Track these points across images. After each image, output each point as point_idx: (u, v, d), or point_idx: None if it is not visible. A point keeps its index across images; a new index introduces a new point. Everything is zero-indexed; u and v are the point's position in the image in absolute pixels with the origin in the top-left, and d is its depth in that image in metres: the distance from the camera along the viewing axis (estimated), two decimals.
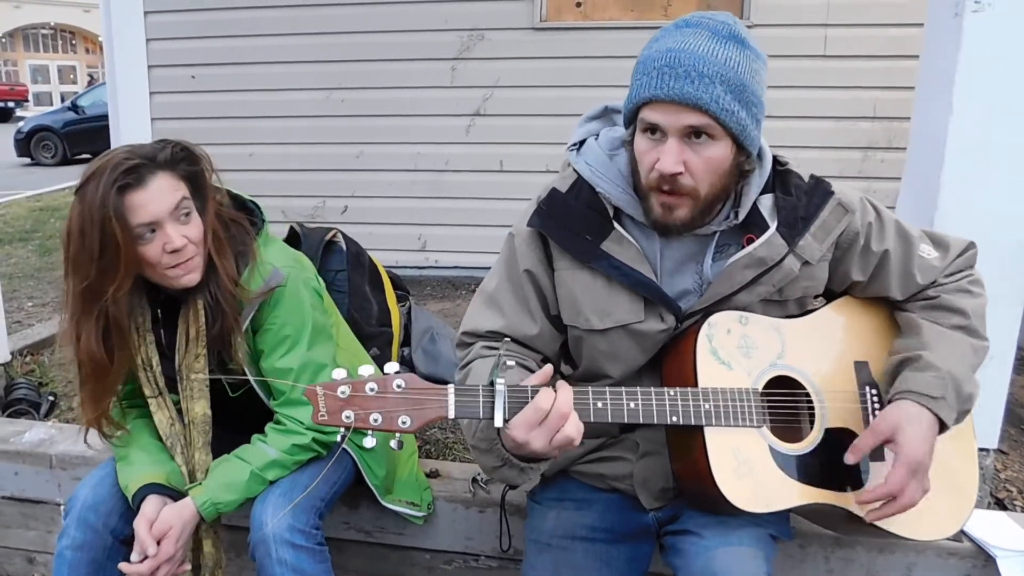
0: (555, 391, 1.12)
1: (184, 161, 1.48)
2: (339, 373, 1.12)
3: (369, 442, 1.12)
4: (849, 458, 1.27)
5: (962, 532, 1.77)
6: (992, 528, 1.78)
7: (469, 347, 1.42)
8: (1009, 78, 1.72)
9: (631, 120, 1.26)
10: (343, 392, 1.10)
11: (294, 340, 1.58)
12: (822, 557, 1.79)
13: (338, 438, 1.13)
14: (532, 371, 1.35)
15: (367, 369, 1.12)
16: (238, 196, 1.64)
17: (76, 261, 1.42)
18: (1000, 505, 2.07)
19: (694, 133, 1.18)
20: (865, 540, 1.75)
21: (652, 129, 1.20)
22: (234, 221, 1.57)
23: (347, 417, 1.09)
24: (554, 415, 1.11)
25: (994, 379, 1.87)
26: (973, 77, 1.72)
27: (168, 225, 1.43)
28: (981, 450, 1.94)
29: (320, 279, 1.72)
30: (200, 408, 1.57)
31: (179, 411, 1.60)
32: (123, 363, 1.52)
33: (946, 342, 1.32)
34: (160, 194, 1.42)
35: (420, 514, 1.84)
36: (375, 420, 1.10)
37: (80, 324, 1.46)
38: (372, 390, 1.10)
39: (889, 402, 1.30)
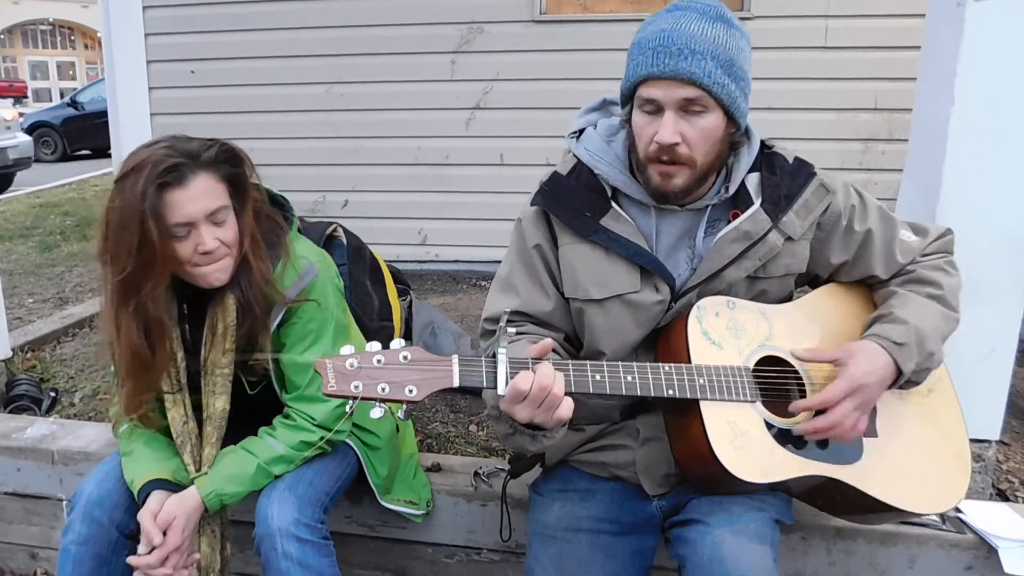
0: (534, 372, 1.17)
1: (227, 162, 1.48)
2: (347, 349, 1.16)
3: (376, 412, 1.14)
4: (803, 353, 1.36)
5: (963, 523, 1.77)
6: (994, 519, 1.78)
7: (492, 334, 1.44)
8: (1012, 68, 1.71)
9: (628, 99, 1.35)
10: (351, 364, 1.14)
11: (317, 336, 1.59)
12: (824, 549, 1.79)
13: (347, 408, 1.16)
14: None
15: (374, 344, 1.16)
16: (268, 191, 1.64)
17: (114, 252, 1.42)
18: (1002, 496, 2.07)
19: (690, 105, 1.26)
20: (867, 532, 1.76)
21: (650, 105, 1.29)
22: (269, 217, 1.58)
23: (355, 387, 1.13)
24: (535, 390, 1.16)
25: (996, 371, 1.87)
26: (976, 67, 1.71)
27: (203, 226, 1.43)
28: (983, 441, 1.95)
29: (340, 278, 1.72)
30: (220, 404, 1.57)
31: (194, 408, 1.60)
32: (164, 359, 1.52)
33: (917, 304, 1.39)
34: (199, 195, 1.42)
35: (419, 512, 1.85)
36: (382, 389, 1.13)
37: (119, 315, 1.46)
38: (379, 362, 1.15)
39: None
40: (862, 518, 1.55)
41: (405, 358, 1.15)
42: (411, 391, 1.14)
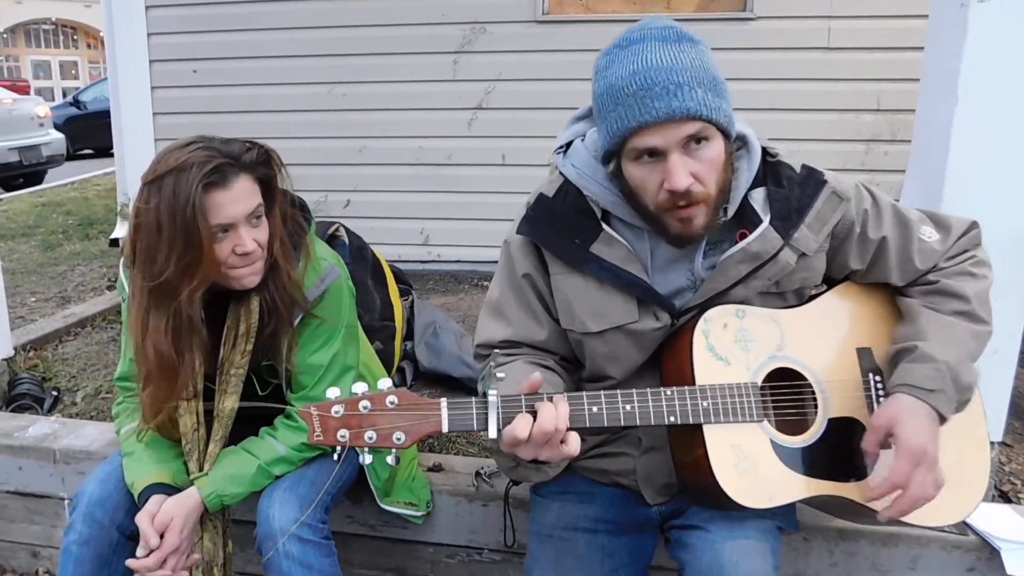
0: (534, 417, 1.12)
1: (263, 164, 1.48)
2: (333, 392, 1.13)
3: (366, 459, 1.13)
4: (868, 467, 1.28)
5: (966, 525, 1.77)
6: (996, 521, 1.78)
7: (486, 359, 1.43)
8: (1015, 68, 1.70)
9: (614, 153, 1.24)
10: (337, 411, 1.11)
11: (328, 338, 1.60)
12: (826, 550, 1.79)
13: (335, 456, 1.13)
14: (549, 368, 1.37)
15: (361, 386, 1.13)
16: (286, 192, 1.62)
17: (150, 254, 1.40)
18: (1004, 498, 2.06)
19: (690, 141, 1.17)
20: (870, 533, 1.76)
21: (648, 153, 1.19)
22: (291, 219, 1.58)
23: (342, 436, 1.10)
24: (537, 435, 1.11)
25: (998, 372, 1.86)
26: (979, 68, 1.71)
27: (242, 228, 1.42)
28: None
29: (351, 281, 1.72)
30: (230, 403, 1.57)
31: (206, 412, 1.59)
32: (191, 364, 1.50)
33: (944, 330, 1.30)
34: (240, 196, 1.41)
35: (419, 514, 1.85)
36: (370, 438, 1.11)
37: (149, 318, 1.44)
38: (366, 408, 1.11)
39: (888, 395, 1.30)
40: (868, 522, 1.53)
41: (392, 403, 1.12)
42: (399, 438, 1.11)
